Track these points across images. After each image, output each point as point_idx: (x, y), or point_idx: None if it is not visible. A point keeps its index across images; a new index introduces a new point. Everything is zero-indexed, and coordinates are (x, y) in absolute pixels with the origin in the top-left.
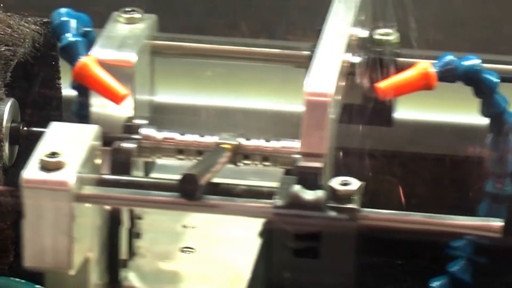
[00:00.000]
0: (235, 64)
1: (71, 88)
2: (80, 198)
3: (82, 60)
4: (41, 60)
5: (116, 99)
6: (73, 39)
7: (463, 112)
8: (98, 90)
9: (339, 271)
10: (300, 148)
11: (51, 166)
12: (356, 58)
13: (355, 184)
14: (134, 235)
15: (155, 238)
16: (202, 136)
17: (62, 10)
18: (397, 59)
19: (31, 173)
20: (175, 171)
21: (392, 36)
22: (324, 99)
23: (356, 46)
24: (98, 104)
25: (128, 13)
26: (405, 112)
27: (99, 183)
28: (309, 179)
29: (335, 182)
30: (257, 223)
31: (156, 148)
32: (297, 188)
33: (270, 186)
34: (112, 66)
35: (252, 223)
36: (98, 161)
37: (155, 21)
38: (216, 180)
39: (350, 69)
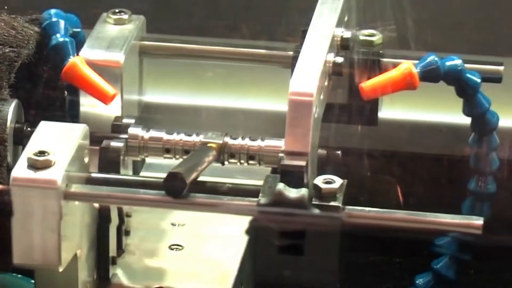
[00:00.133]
0: (228, 64)
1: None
2: (68, 196)
3: (71, 60)
4: (44, 61)
5: (105, 98)
6: (61, 40)
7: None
8: (87, 90)
9: (323, 268)
10: (284, 147)
11: (39, 165)
12: (340, 58)
13: (338, 182)
14: (123, 232)
15: (144, 236)
16: (188, 135)
17: (52, 11)
18: (381, 59)
19: (20, 171)
20: (165, 170)
21: (376, 36)
22: (307, 98)
23: (341, 47)
24: (87, 104)
25: (117, 14)
26: (401, 112)
27: (87, 181)
28: (292, 177)
29: (319, 180)
30: (244, 221)
31: (143, 147)
32: (281, 186)
33: (256, 184)
34: (101, 66)
35: (240, 221)
36: (86, 159)
37: (143, 22)
38: (203, 178)
39: (334, 69)
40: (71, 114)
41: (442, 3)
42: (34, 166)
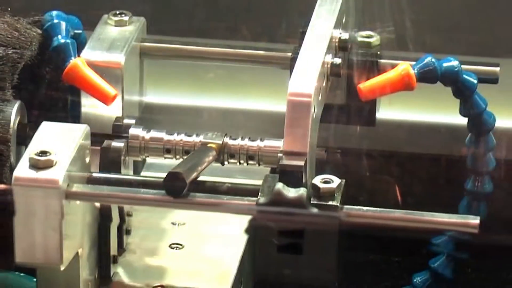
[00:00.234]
0: (228, 66)
1: None
2: (69, 196)
3: (72, 62)
4: (47, 62)
5: (106, 99)
6: (63, 41)
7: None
8: (88, 91)
9: (322, 267)
10: (282, 147)
11: (41, 165)
12: (338, 60)
13: (336, 182)
14: (124, 231)
15: (144, 235)
16: (188, 135)
17: (53, 13)
18: (379, 60)
19: (22, 171)
20: (166, 170)
21: (374, 38)
22: (305, 99)
23: (339, 48)
24: (88, 104)
25: (118, 15)
26: (399, 113)
27: (89, 181)
28: (291, 177)
29: (317, 180)
30: (244, 220)
31: (143, 148)
32: (279, 186)
33: (255, 184)
34: (102, 67)
35: (239, 220)
36: (87, 159)
37: (143, 23)
38: (203, 178)
39: (332, 70)
40: (73, 115)
41: (439, 4)
42: (36, 166)
